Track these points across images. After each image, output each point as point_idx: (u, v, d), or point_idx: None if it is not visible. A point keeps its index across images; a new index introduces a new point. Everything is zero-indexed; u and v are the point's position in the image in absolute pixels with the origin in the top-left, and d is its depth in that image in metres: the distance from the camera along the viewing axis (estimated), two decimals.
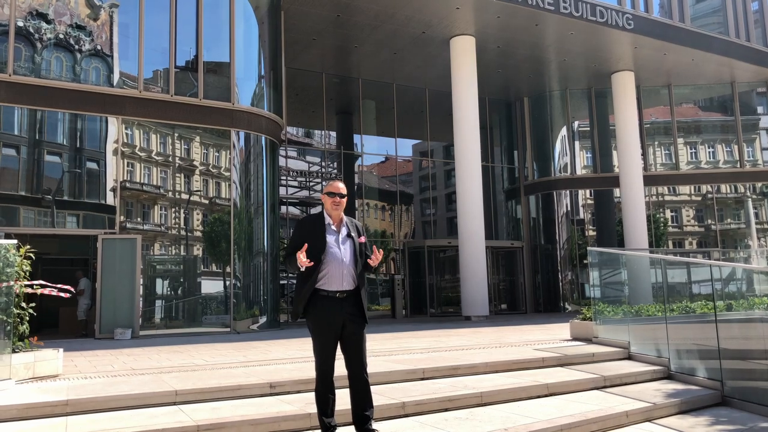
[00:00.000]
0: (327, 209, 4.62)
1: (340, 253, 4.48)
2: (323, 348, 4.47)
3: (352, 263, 4.50)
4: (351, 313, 4.47)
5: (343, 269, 4.46)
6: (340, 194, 4.58)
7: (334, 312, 4.43)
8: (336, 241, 4.52)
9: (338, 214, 4.60)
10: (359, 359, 4.48)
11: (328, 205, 4.60)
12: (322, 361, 4.47)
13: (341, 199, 4.58)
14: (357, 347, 4.48)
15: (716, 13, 22.84)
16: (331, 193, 4.58)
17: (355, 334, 4.48)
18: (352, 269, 4.50)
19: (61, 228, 13.31)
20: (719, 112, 24.70)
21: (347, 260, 4.49)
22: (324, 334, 4.45)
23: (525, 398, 6.09)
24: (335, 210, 4.58)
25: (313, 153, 22.14)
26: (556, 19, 17.84)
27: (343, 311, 4.44)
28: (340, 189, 4.61)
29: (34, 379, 6.29)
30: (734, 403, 6.42)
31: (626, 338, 8.29)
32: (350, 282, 4.49)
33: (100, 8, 13.83)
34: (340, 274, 4.45)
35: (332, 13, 17.07)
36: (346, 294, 4.48)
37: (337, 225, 4.59)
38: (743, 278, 9.34)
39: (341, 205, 4.58)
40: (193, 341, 11.18)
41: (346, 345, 4.49)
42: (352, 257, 4.51)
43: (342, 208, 4.60)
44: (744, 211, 23.46)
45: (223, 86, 14.84)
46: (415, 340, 10.46)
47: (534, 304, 23.23)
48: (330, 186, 4.63)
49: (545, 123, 23.97)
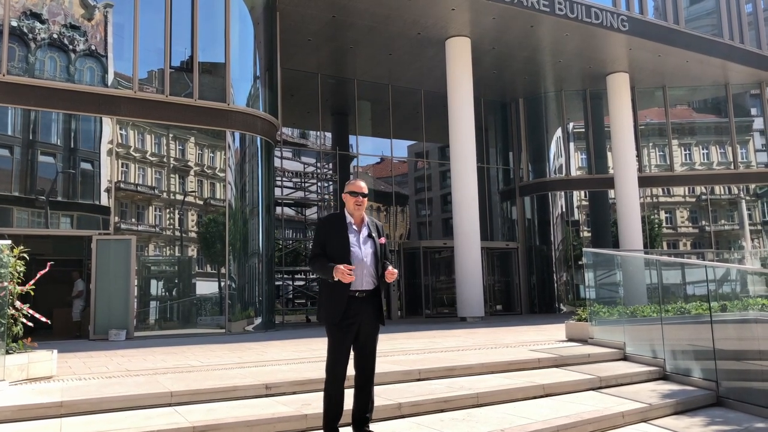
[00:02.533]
0: (349, 209, 4.58)
1: (361, 253, 4.46)
2: (338, 348, 4.44)
3: (372, 264, 4.49)
4: (369, 314, 4.47)
5: (363, 269, 4.45)
6: (362, 193, 4.55)
7: (353, 312, 4.41)
8: (357, 241, 4.50)
9: (360, 214, 4.57)
10: (370, 361, 4.50)
11: (350, 205, 4.57)
12: (335, 361, 4.43)
13: (363, 199, 4.55)
14: (370, 348, 4.50)
15: (710, 15, 22.94)
16: (354, 193, 4.54)
17: (371, 335, 4.49)
18: (372, 270, 4.48)
19: (55, 229, 13.25)
20: (713, 114, 24.81)
21: (368, 261, 4.47)
22: (341, 334, 4.43)
23: (521, 399, 6.09)
24: (357, 210, 4.55)
25: (308, 154, 22.12)
26: (551, 21, 17.88)
27: (361, 311, 4.44)
28: (363, 188, 4.57)
29: (28, 380, 6.25)
30: (729, 404, 6.43)
31: (622, 339, 8.30)
32: (370, 282, 4.48)
33: (95, 8, 13.78)
34: (360, 274, 4.42)
35: (328, 14, 17.06)
36: (365, 294, 4.47)
37: (358, 225, 4.57)
38: (737, 279, 9.38)
39: (363, 204, 4.56)
40: (188, 342, 11.14)
41: (360, 346, 4.49)
42: (373, 258, 4.50)
43: (364, 207, 4.58)
44: (738, 213, 23.55)
45: (219, 87, 14.81)
46: (410, 341, 10.45)
47: (529, 305, 23.25)
48: (352, 185, 4.58)
49: (540, 124, 24.02)
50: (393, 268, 4.46)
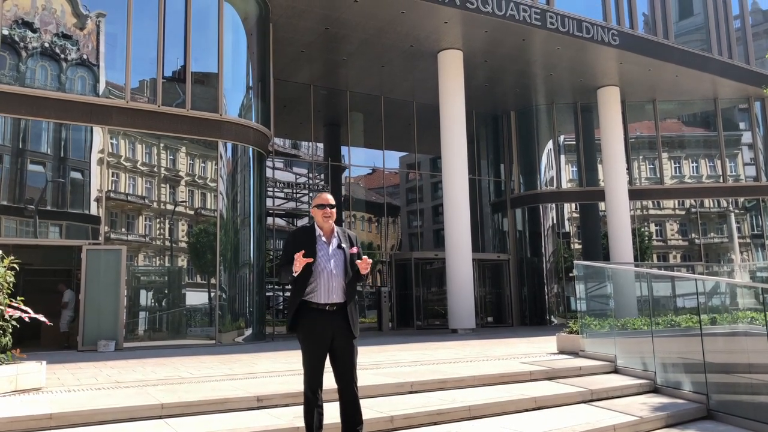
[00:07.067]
0: (318, 222, 4.61)
1: (329, 265, 4.46)
2: (312, 361, 4.45)
3: (341, 275, 4.48)
4: (341, 327, 4.45)
5: (332, 281, 4.44)
6: (329, 205, 4.59)
7: (323, 325, 4.41)
8: (326, 253, 4.50)
9: (329, 226, 4.59)
10: (349, 373, 4.45)
11: (318, 218, 4.59)
12: (310, 375, 4.45)
13: (331, 210, 4.58)
14: (346, 361, 4.45)
15: (699, 30, 23.21)
16: (321, 206, 4.58)
17: (345, 348, 4.45)
18: (342, 281, 4.48)
19: (44, 238, 13.15)
20: (702, 128, 25.06)
21: (336, 272, 4.47)
22: (313, 347, 4.44)
23: (513, 411, 6.09)
24: (326, 222, 4.57)
25: (300, 164, 22.13)
26: (542, 35, 18.03)
27: (332, 324, 4.42)
28: (329, 200, 4.61)
29: (17, 392, 6.18)
30: (720, 417, 6.46)
31: (613, 352, 8.32)
32: (340, 295, 4.47)
33: (87, 17, 13.77)
34: (329, 286, 4.43)
35: (321, 26, 17.13)
36: (336, 307, 4.45)
37: (327, 236, 4.58)
38: (727, 292, 9.45)
39: (332, 216, 4.59)
40: (178, 353, 11.06)
41: (336, 358, 4.46)
42: (342, 269, 4.49)
43: (333, 218, 4.60)
44: (727, 226, 23.74)
45: (211, 97, 14.81)
46: (402, 352, 10.43)
47: (520, 317, 23.27)
48: (318, 198, 4.63)
49: (532, 137, 24.15)
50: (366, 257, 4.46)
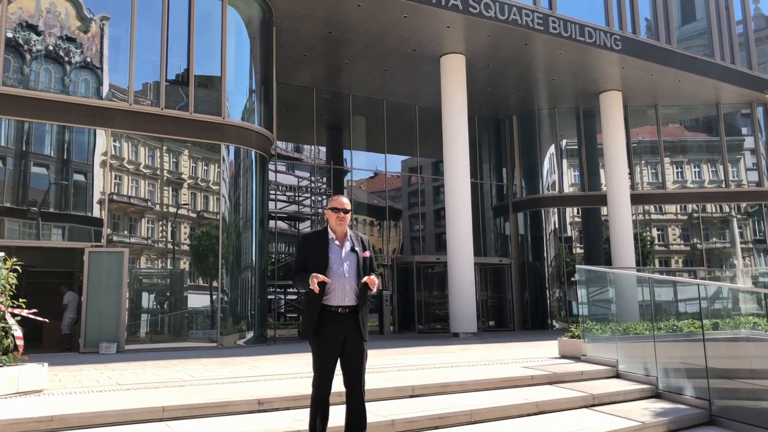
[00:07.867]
0: (331, 225, 4.62)
1: (342, 269, 4.48)
2: (323, 363, 4.44)
3: (354, 278, 4.49)
4: (352, 329, 4.46)
5: (345, 284, 4.46)
6: (344, 209, 4.59)
7: (335, 327, 4.41)
8: (339, 257, 4.51)
9: (342, 229, 4.60)
10: (358, 377, 4.46)
11: (332, 221, 4.61)
12: (320, 377, 4.44)
13: (345, 215, 4.59)
14: (356, 364, 4.46)
15: (702, 35, 23.21)
16: (335, 209, 4.59)
17: (356, 351, 4.46)
18: (355, 285, 4.49)
19: (47, 240, 13.17)
20: (705, 133, 25.04)
21: (349, 275, 4.48)
22: (325, 350, 4.43)
23: (515, 416, 6.08)
24: (339, 225, 4.58)
25: (302, 168, 22.15)
26: (545, 39, 18.05)
27: (344, 327, 4.43)
28: (344, 204, 4.62)
29: (18, 394, 6.18)
30: (722, 423, 6.43)
31: (614, 356, 8.30)
32: (353, 298, 4.48)
33: (91, 21, 13.82)
34: (342, 289, 4.44)
35: (324, 30, 17.17)
36: (348, 309, 4.47)
37: (341, 240, 4.59)
38: (729, 297, 9.41)
39: (345, 220, 4.60)
40: (180, 356, 11.06)
41: (346, 361, 4.47)
42: (355, 272, 4.50)
43: (346, 223, 4.61)
44: (729, 231, 23.70)
45: (214, 100, 14.83)
46: (403, 356, 10.42)
47: (522, 321, 23.24)
48: (334, 201, 4.63)
49: (534, 141, 24.15)
50: (374, 277, 4.45)
